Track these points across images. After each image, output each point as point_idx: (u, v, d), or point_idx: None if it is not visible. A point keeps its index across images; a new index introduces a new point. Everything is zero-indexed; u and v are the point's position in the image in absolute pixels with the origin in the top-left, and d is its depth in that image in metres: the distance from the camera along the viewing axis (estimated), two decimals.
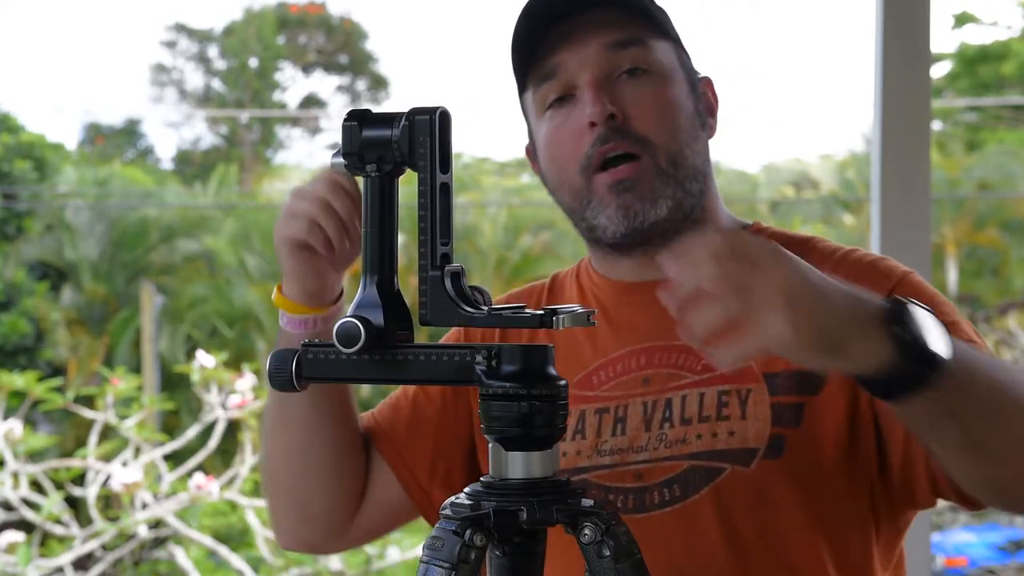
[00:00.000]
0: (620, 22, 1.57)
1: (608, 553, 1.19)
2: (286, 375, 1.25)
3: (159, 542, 7.58)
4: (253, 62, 25.86)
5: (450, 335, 1.67)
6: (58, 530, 6.52)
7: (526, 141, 1.67)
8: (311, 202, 1.43)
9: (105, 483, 6.44)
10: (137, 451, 6.56)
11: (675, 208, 1.56)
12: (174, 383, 13.53)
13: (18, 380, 6.50)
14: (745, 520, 1.49)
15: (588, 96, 1.54)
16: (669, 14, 1.61)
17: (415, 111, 1.20)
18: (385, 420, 1.68)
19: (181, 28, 27.69)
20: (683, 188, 1.56)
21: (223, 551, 6.62)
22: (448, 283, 1.20)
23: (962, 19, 22.68)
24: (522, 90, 1.62)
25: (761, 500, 1.49)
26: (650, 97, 1.56)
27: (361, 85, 28.09)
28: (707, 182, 1.61)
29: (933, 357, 1.17)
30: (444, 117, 1.20)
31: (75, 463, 6.55)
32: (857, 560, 1.53)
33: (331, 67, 28.16)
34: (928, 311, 1.19)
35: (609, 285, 1.64)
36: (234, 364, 7.12)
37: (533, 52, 1.58)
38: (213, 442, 6.46)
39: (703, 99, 1.63)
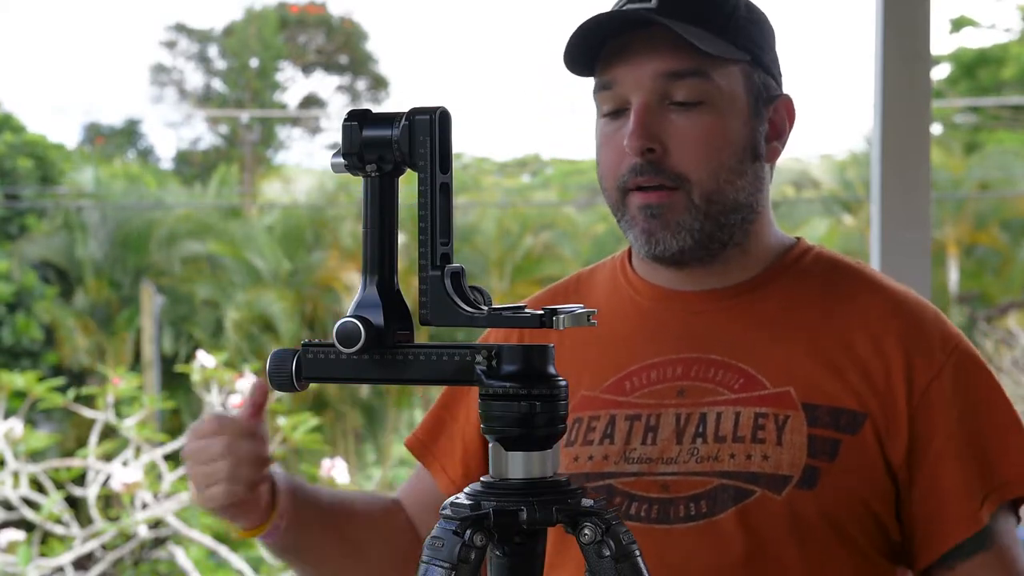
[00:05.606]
0: (683, 47, 1.51)
1: (608, 553, 1.19)
2: (286, 375, 1.25)
3: (159, 542, 7.57)
4: (253, 62, 25.81)
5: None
6: (58, 530, 6.52)
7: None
8: (218, 462, 1.49)
9: (105, 483, 6.44)
10: (137, 451, 6.56)
11: (704, 239, 1.54)
12: (175, 383, 13.52)
13: (19, 380, 6.50)
14: (769, 546, 1.49)
15: (631, 126, 1.53)
16: (759, 23, 1.57)
17: (415, 111, 1.20)
18: (425, 433, 1.72)
19: (181, 28, 27.66)
20: (716, 222, 1.54)
21: (223, 551, 6.61)
22: (448, 283, 1.20)
23: (959, 23, 22.63)
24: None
25: (789, 529, 1.49)
26: (696, 132, 1.53)
27: (361, 85, 28.05)
28: (755, 210, 1.58)
29: None
30: (444, 117, 1.20)
31: (75, 463, 6.55)
32: None
33: (331, 67, 28.13)
34: None
35: (648, 288, 1.63)
36: (234, 364, 7.12)
37: (588, 52, 1.56)
38: None
39: (769, 123, 1.59)
